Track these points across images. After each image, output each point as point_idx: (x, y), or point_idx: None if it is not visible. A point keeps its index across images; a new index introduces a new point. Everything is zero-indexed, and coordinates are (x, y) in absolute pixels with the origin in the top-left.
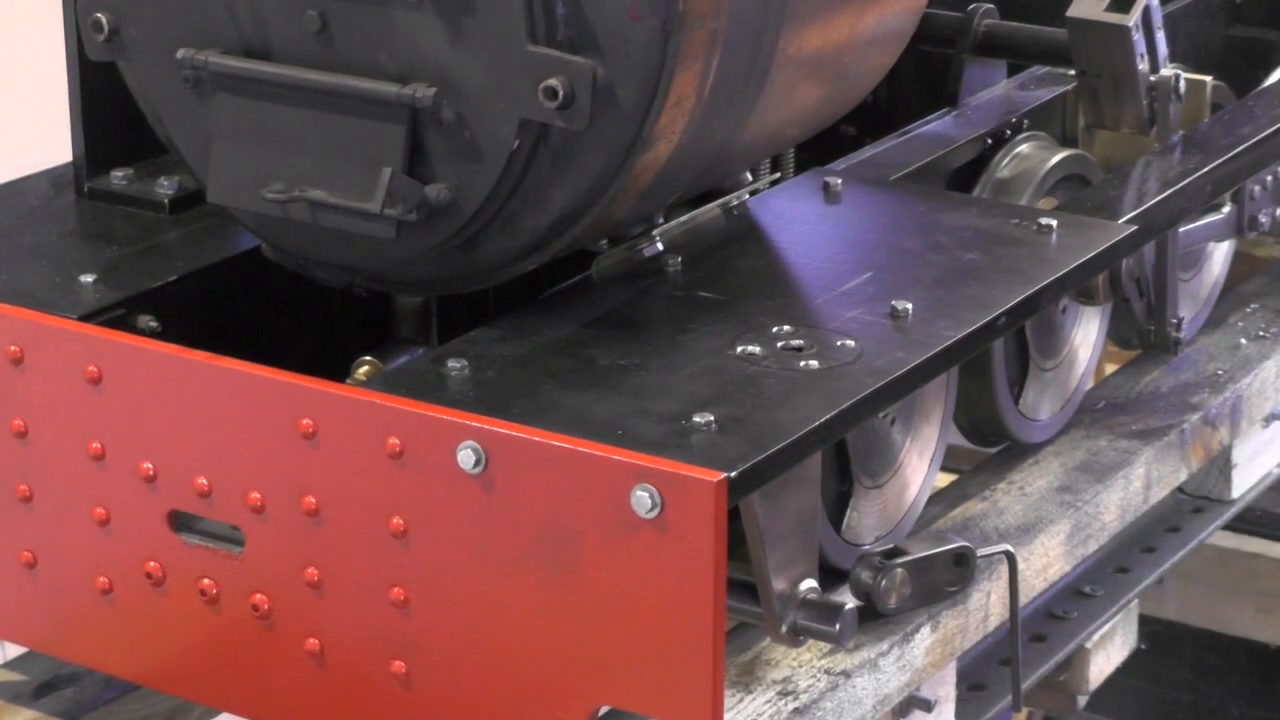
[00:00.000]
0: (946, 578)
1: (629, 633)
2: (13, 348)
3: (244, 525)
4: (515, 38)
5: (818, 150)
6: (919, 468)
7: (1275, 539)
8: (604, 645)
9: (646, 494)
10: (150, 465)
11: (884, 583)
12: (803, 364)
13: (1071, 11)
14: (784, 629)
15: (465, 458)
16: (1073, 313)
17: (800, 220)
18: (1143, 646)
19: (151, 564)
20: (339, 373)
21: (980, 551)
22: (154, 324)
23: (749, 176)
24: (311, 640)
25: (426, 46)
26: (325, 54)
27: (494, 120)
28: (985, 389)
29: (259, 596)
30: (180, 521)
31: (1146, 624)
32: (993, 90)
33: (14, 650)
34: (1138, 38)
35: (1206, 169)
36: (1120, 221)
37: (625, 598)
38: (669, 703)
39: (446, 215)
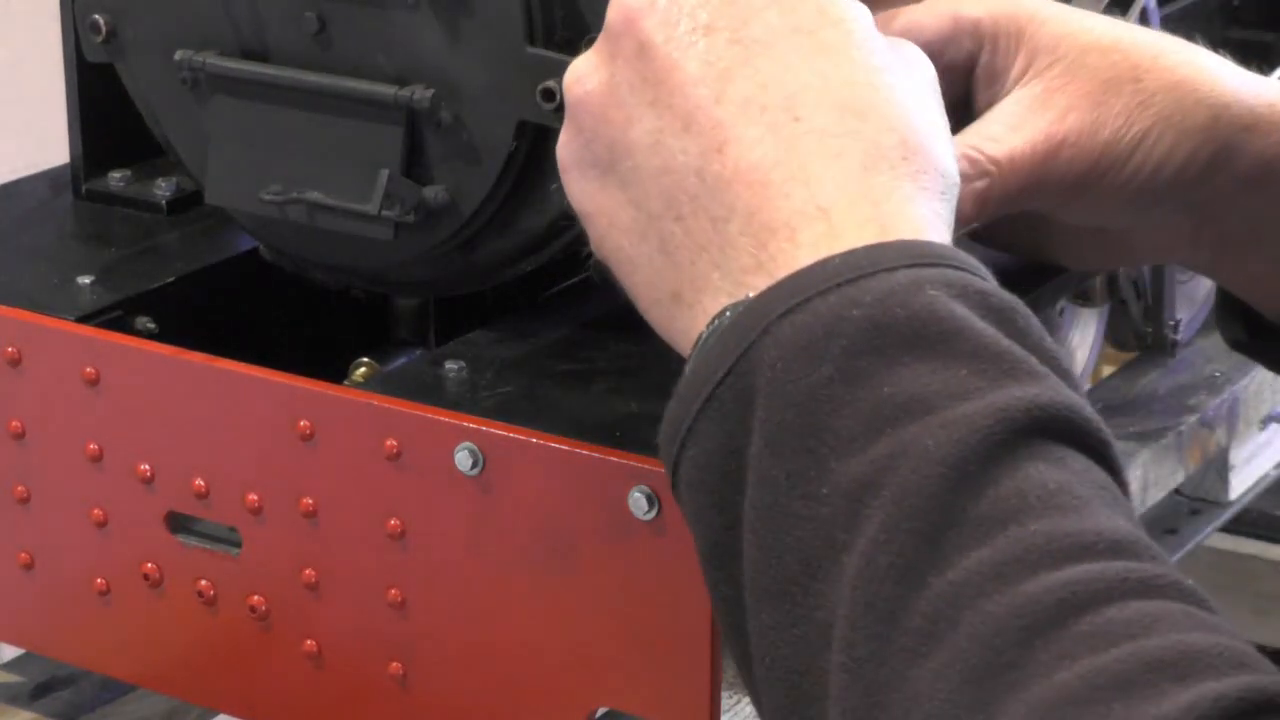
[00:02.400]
0: None
1: (627, 634)
2: (10, 349)
3: (242, 527)
4: (513, 39)
5: None
6: None
7: (1272, 541)
8: (602, 647)
9: (644, 495)
10: (148, 466)
11: None
12: None
13: None
14: None
15: (462, 459)
16: (1070, 315)
17: None
18: None
19: (149, 565)
20: (337, 374)
21: None
22: (152, 325)
23: None
24: (309, 641)
25: (424, 48)
26: (323, 56)
27: (492, 122)
28: None
29: (256, 598)
30: (178, 523)
31: None
32: None
33: (11, 652)
34: None
35: None
36: None
37: (623, 599)
38: (667, 704)
39: (444, 217)
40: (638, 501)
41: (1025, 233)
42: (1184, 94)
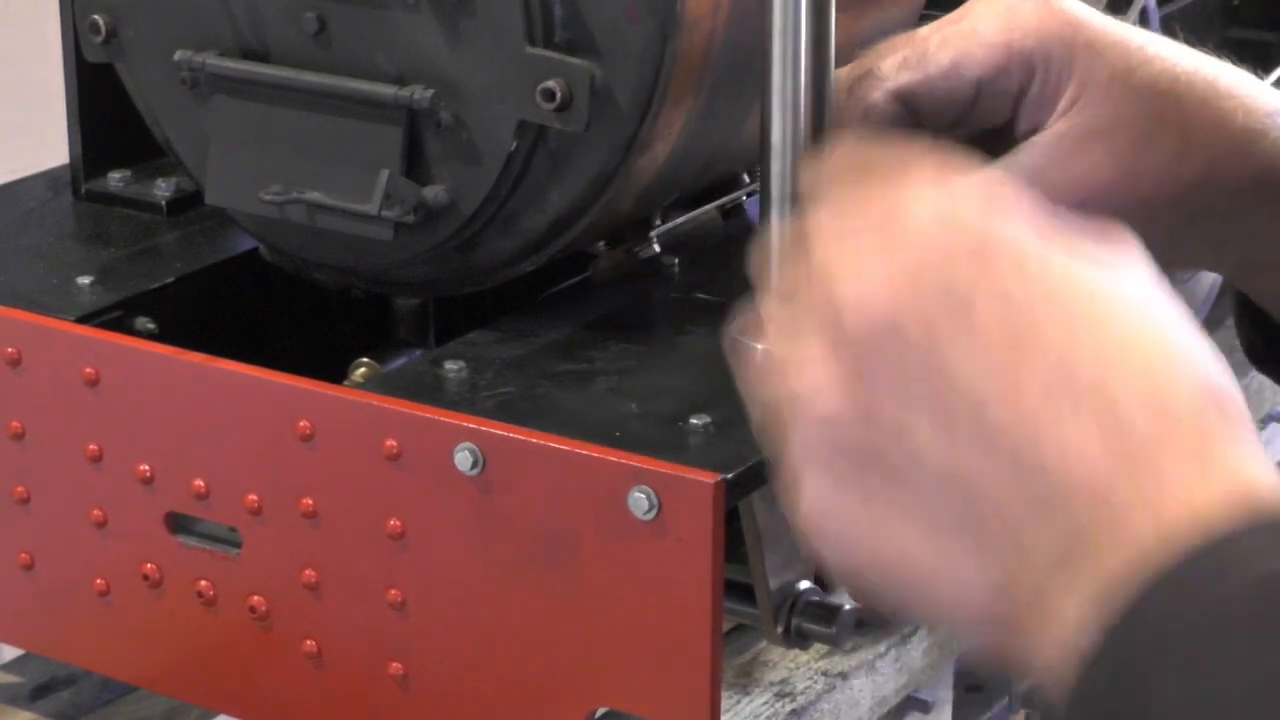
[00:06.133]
0: None
1: (627, 634)
2: (10, 349)
3: (241, 527)
4: (513, 39)
5: None
6: None
7: None
8: (602, 647)
9: (644, 495)
10: (148, 467)
11: None
12: None
13: None
14: (781, 630)
15: (462, 459)
16: None
17: None
18: None
19: (149, 566)
20: (337, 374)
21: None
22: (151, 326)
23: (746, 178)
24: (309, 642)
25: (424, 48)
26: (323, 56)
27: (492, 122)
28: None
29: (256, 598)
30: (178, 523)
31: None
32: None
33: (11, 652)
34: None
35: None
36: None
37: (623, 599)
38: (667, 704)
39: (444, 217)
40: (638, 501)
41: None
42: (1227, 139)
